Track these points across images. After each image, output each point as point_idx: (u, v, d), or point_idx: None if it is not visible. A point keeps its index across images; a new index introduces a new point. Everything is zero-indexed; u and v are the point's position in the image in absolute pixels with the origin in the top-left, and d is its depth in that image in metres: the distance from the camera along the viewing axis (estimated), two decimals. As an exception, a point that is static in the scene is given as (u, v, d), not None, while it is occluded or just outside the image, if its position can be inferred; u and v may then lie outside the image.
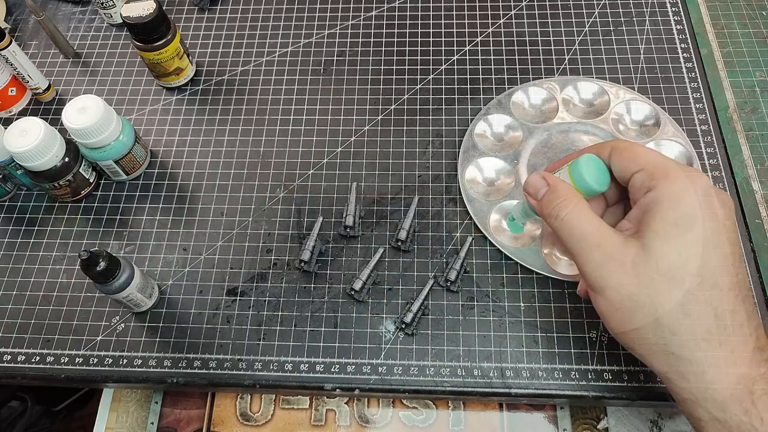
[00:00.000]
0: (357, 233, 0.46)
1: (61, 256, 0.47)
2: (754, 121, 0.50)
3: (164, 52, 0.50)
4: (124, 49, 0.57)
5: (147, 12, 0.47)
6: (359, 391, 0.41)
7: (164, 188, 0.49)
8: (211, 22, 0.58)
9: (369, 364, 0.41)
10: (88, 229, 0.48)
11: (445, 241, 0.46)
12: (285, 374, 0.41)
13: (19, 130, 0.43)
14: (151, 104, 0.54)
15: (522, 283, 0.44)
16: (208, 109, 0.53)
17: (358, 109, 0.52)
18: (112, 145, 0.45)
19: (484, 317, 0.43)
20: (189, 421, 0.44)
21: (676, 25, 0.55)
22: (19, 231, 0.48)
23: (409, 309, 0.42)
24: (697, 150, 0.48)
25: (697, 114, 0.50)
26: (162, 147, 0.51)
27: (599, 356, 0.41)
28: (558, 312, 0.43)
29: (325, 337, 0.43)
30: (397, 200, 0.48)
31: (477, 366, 0.41)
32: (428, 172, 0.49)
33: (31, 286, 0.46)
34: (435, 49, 0.55)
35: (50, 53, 0.57)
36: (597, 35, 0.55)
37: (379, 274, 0.44)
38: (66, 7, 0.60)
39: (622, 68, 0.53)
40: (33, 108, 0.54)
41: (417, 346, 0.42)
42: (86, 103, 0.43)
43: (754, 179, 0.47)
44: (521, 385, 0.40)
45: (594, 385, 0.40)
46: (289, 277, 0.45)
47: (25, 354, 0.43)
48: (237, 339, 0.43)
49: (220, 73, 0.55)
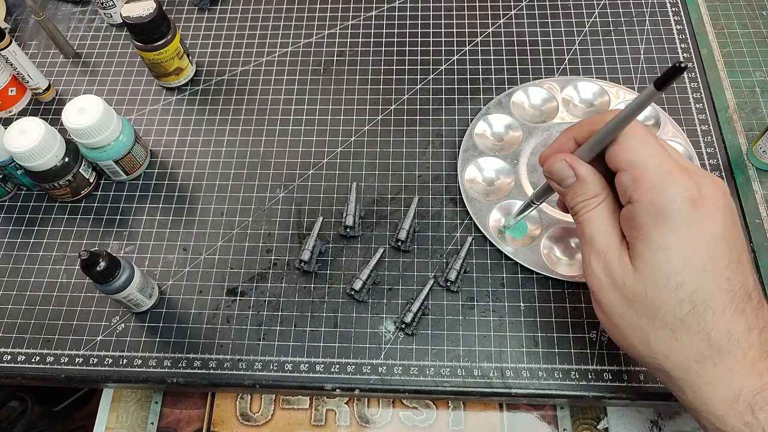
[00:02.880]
0: (357, 233, 0.46)
1: (61, 256, 0.47)
2: (754, 121, 0.50)
3: (164, 52, 0.50)
4: (124, 49, 0.57)
5: (147, 12, 0.47)
6: (359, 391, 0.41)
7: (164, 188, 0.49)
8: (211, 22, 0.58)
9: (369, 364, 0.41)
10: (88, 229, 0.48)
11: (445, 241, 0.46)
12: (285, 374, 0.41)
13: (19, 130, 0.43)
14: (151, 104, 0.54)
15: (522, 283, 0.44)
16: (208, 109, 0.53)
17: (358, 109, 0.52)
18: (112, 145, 0.45)
19: (484, 317, 0.43)
20: (189, 421, 0.44)
21: (676, 25, 0.55)
22: (19, 231, 0.48)
23: (409, 309, 0.42)
24: (697, 150, 0.48)
25: (697, 114, 0.50)
26: (162, 147, 0.51)
27: (599, 356, 0.41)
28: (558, 312, 0.43)
29: (325, 337, 0.43)
30: (397, 200, 0.48)
31: (477, 366, 0.41)
32: (428, 172, 0.49)
33: (31, 286, 0.46)
34: (435, 49, 0.55)
35: (50, 53, 0.57)
36: (597, 35, 0.55)
37: (379, 274, 0.44)
38: (66, 7, 0.60)
39: (622, 68, 0.53)
40: (33, 108, 0.54)
41: (417, 346, 0.42)
42: (86, 103, 0.43)
43: (754, 179, 0.47)
44: (521, 385, 0.40)
45: (594, 385, 0.40)
46: (289, 277, 0.45)
47: (25, 354, 0.43)
48: (237, 339, 0.43)
49: (220, 73, 0.55)
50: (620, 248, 0.30)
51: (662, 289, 0.28)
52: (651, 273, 0.29)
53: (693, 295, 0.28)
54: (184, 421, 0.44)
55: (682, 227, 0.28)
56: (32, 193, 0.50)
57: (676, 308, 0.28)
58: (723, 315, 0.28)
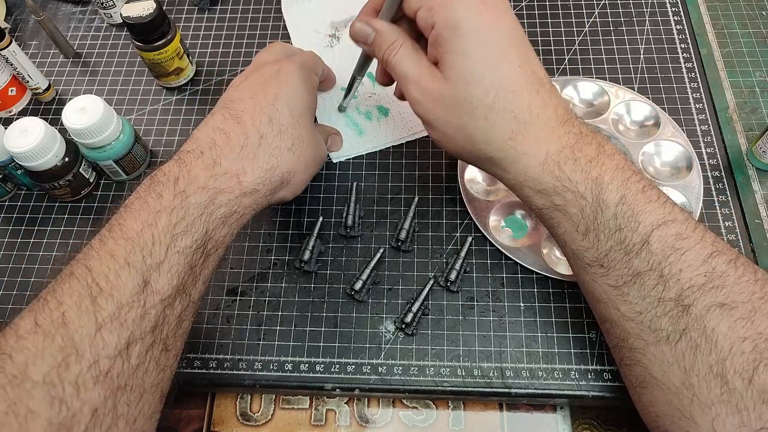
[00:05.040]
0: (357, 233, 0.46)
1: (61, 256, 0.47)
2: (754, 121, 0.50)
3: (164, 52, 0.50)
4: (124, 49, 0.57)
5: (147, 12, 0.47)
6: (359, 391, 0.41)
7: (164, 188, 0.49)
8: (211, 22, 0.58)
9: (369, 364, 0.41)
10: (88, 229, 0.48)
11: (445, 241, 0.46)
12: (285, 374, 0.41)
13: (19, 130, 0.43)
14: (151, 104, 0.54)
15: (522, 283, 0.44)
16: (209, 110, 0.53)
17: (358, 109, 0.52)
18: (112, 145, 0.45)
19: (484, 317, 0.43)
20: (189, 421, 0.44)
21: (676, 25, 0.55)
22: (19, 231, 0.48)
23: (409, 309, 0.42)
24: (697, 150, 0.48)
25: (697, 114, 0.50)
26: (162, 147, 0.51)
27: (599, 356, 0.41)
28: (558, 312, 0.43)
29: (325, 337, 0.43)
30: (397, 200, 0.48)
31: (477, 366, 0.41)
32: (428, 172, 0.49)
33: (31, 286, 0.45)
34: (435, 49, 0.55)
35: (50, 53, 0.57)
36: (597, 35, 0.55)
37: (379, 274, 0.44)
38: (66, 7, 0.60)
39: (622, 68, 0.53)
40: (33, 108, 0.54)
41: (417, 346, 0.42)
42: (86, 103, 0.43)
43: (754, 179, 0.47)
44: (521, 385, 0.40)
45: (594, 385, 0.40)
46: (289, 277, 0.45)
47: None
48: (237, 339, 0.43)
49: (220, 73, 0.55)
50: (430, 70, 0.35)
51: (470, 84, 0.33)
52: (459, 75, 0.33)
53: (494, 82, 0.33)
54: (184, 420, 0.44)
55: (474, 30, 0.33)
56: (32, 193, 0.50)
57: (483, 96, 0.33)
58: (522, 95, 0.33)
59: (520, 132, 0.34)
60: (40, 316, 0.29)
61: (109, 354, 0.29)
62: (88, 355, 0.28)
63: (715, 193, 0.46)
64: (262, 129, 0.37)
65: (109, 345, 0.29)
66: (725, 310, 0.30)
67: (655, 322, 0.32)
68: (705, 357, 0.30)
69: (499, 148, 0.34)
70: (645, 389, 0.33)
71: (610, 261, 0.33)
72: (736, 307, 0.30)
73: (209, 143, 0.36)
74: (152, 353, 0.31)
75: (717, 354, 0.30)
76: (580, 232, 0.34)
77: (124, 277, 0.30)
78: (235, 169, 0.36)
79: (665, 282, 0.31)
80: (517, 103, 0.33)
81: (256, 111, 0.37)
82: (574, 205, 0.34)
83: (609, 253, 0.33)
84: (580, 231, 0.34)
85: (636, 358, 0.33)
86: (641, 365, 0.33)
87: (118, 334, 0.29)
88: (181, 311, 0.33)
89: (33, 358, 0.27)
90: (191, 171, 0.34)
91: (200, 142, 0.36)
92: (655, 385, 0.32)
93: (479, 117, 0.34)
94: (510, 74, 0.33)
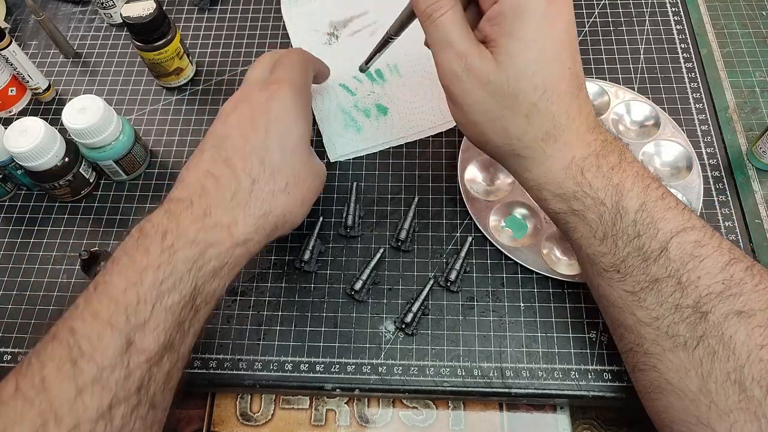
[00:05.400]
0: (357, 233, 0.46)
1: (61, 256, 0.47)
2: (754, 121, 0.50)
3: (164, 52, 0.50)
4: (124, 49, 0.57)
5: (147, 12, 0.47)
6: (359, 391, 0.41)
7: (164, 188, 0.49)
8: (211, 22, 0.58)
9: (369, 364, 0.41)
10: (88, 229, 0.48)
11: (445, 241, 0.46)
12: (285, 374, 0.41)
13: (19, 130, 0.43)
14: (151, 104, 0.54)
15: (522, 283, 0.44)
16: (208, 109, 0.53)
17: (358, 109, 0.52)
18: (112, 145, 0.45)
19: (484, 317, 0.43)
20: (189, 421, 0.43)
21: (676, 25, 0.55)
22: (19, 231, 0.48)
23: (409, 309, 0.42)
24: (697, 150, 0.48)
25: (697, 114, 0.50)
26: (162, 147, 0.51)
27: (599, 356, 0.41)
28: (558, 312, 0.43)
29: (325, 337, 0.43)
30: (397, 200, 0.48)
31: (477, 366, 0.41)
32: (428, 172, 0.49)
33: (31, 286, 0.45)
34: (435, 49, 0.55)
35: (50, 53, 0.57)
36: (597, 35, 0.55)
37: (379, 274, 0.44)
38: (66, 7, 0.60)
39: (622, 68, 0.53)
40: (33, 108, 0.54)
41: (417, 346, 0.42)
42: (86, 103, 0.43)
43: (754, 179, 0.47)
44: (521, 385, 0.40)
45: (594, 385, 0.40)
46: (289, 277, 0.45)
47: (25, 354, 0.43)
48: (237, 339, 0.43)
49: (220, 73, 0.55)
50: (479, 47, 0.33)
51: (521, 77, 0.32)
52: (512, 64, 0.32)
53: (545, 80, 0.32)
54: (184, 420, 0.44)
55: (540, 19, 0.31)
56: (32, 193, 0.50)
57: (531, 93, 0.32)
58: (563, 98, 0.33)
59: (554, 135, 0.33)
60: (22, 380, 0.28)
61: (90, 417, 0.28)
62: (67, 419, 0.27)
63: (715, 193, 0.46)
64: (254, 173, 0.35)
65: (90, 408, 0.28)
66: (743, 318, 0.30)
67: (672, 328, 0.31)
68: (723, 364, 0.30)
69: (529, 146, 0.34)
70: (660, 395, 0.33)
71: (627, 267, 0.33)
72: (754, 315, 0.30)
73: (199, 190, 0.34)
74: (138, 413, 0.30)
75: (735, 361, 0.30)
76: (597, 238, 0.34)
77: (106, 339, 0.29)
78: (227, 220, 0.34)
79: (683, 289, 0.31)
80: (559, 106, 0.33)
81: (246, 152, 0.35)
82: (593, 210, 0.33)
83: (626, 259, 0.33)
84: (598, 236, 0.34)
85: (651, 363, 0.33)
86: (657, 371, 0.32)
87: (99, 397, 0.28)
88: (170, 368, 0.32)
89: (11, 425, 0.27)
90: (180, 224, 0.33)
91: (190, 189, 0.35)
92: (671, 391, 0.32)
93: (521, 113, 0.33)
94: (560, 75, 0.32)
